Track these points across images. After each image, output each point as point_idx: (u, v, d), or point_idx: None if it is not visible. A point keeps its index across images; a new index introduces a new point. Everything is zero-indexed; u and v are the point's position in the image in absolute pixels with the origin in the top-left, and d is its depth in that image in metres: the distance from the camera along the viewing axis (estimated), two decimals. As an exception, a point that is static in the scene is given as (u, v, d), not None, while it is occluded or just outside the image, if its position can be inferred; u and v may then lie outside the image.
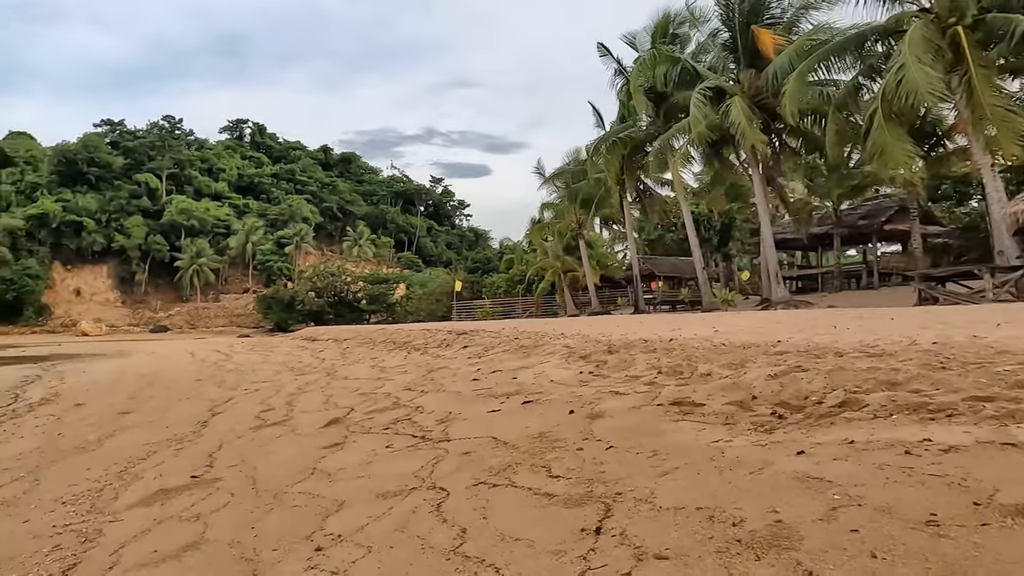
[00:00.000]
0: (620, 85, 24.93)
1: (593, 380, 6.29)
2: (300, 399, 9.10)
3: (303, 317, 59.13)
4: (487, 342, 12.30)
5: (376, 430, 5.75)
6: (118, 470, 5.54)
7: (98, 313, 70.23)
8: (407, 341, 17.49)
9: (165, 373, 16.92)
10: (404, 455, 4.62)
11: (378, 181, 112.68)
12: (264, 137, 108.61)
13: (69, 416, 9.90)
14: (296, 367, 15.19)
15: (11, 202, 71.92)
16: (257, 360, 19.12)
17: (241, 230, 77.97)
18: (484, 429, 4.97)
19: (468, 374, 8.45)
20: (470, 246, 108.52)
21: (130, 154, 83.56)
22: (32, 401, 12.57)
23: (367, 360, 14.60)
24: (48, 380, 16.73)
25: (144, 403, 10.80)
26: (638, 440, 3.94)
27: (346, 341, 23.42)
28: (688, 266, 32.08)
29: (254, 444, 6.00)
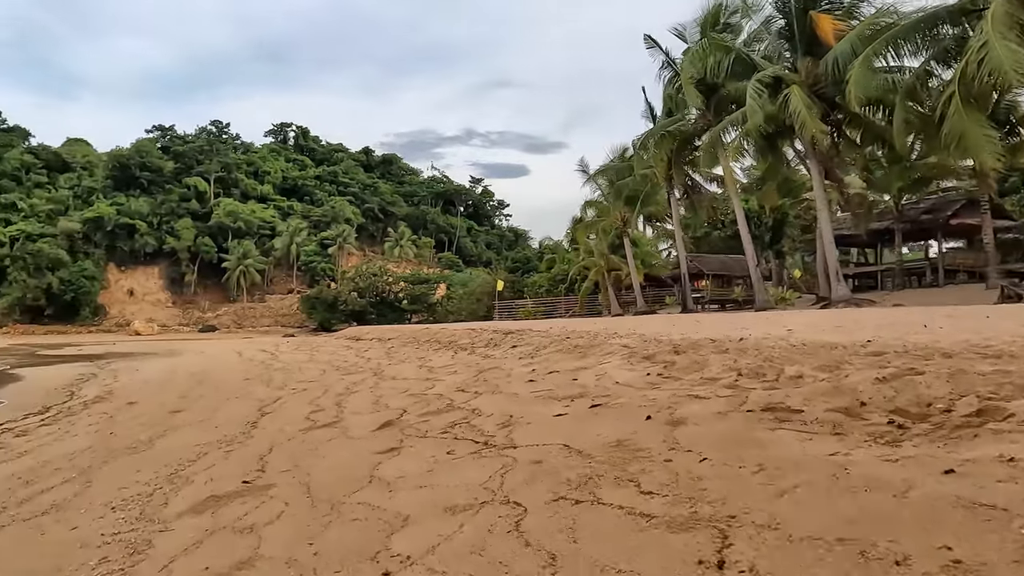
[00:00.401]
0: (668, 78, 24.23)
1: (664, 383, 5.84)
2: (349, 400, 8.87)
3: (346, 317, 59.78)
4: (537, 341, 11.90)
5: (433, 434, 5.42)
6: (168, 472, 5.34)
7: (150, 313, 72.42)
8: (452, 340, 17.23)
9: (214, 372, 17.05)
10: (468, 463, 4.25)
11: (418, 182, 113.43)
12: (308, 140, 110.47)
13: (121, 415, 9.89)
14: (342, 366, 15.07)
15: (69, 206, 74.77)
16: (303, 359, 19.15)
17: (286, 231, 79.38)
18: (552, 435, 4.57)
19: (523, 375, 8.07)
20: (510, 246, 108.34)
21: (180, 158, 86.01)
22: (87, 399, 12.72)
23: (413, 360, 14.37)
24: (103, 378, 17.03)
25: (194, 402, 10.76)
26: (735, 451, 3.49)
27: (390, 341, 23.36)
28: (737, 264, 31.12)
29: (305, 447, 5.73)
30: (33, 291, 64.82)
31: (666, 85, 24.58)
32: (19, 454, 7.16)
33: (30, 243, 66.91)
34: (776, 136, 20.82)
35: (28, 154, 79.28)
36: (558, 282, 44.21)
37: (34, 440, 8.13)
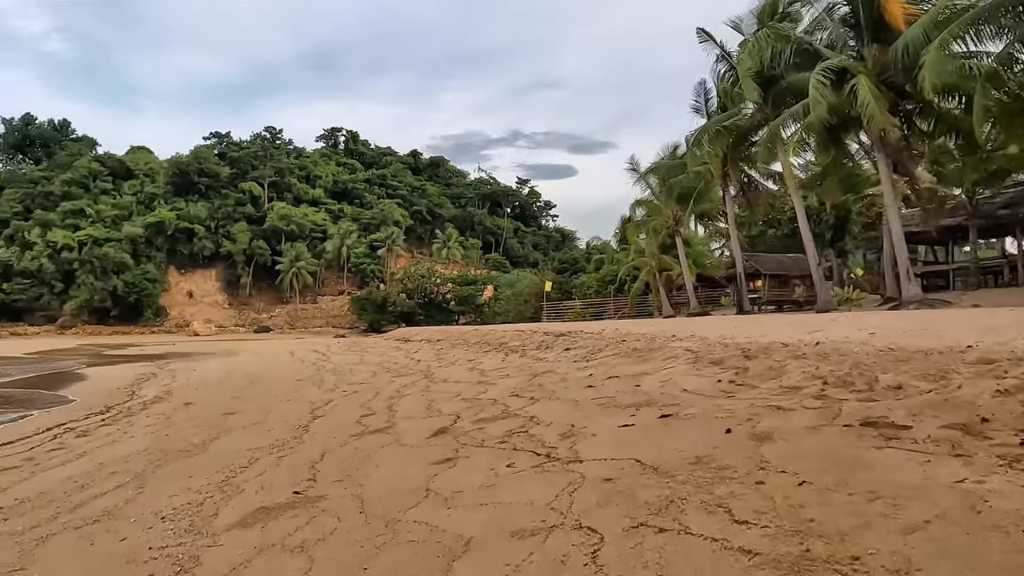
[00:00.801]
0: (723, 72, 23.39)
1: (738, 391, 5.39)
2: (400, 403, 8.68)
3: (395, 318, 60.34)
4: (591, 344, 11.51)
5: (490, 443, 5.12)
6: (220, 479, 5.19)
7: (208, 314, 74.78)
8: (502, 342, 16.95)
9: (267, 373, 17.23)
10: (531, 478, 3.92)
11: (465, 184, 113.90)
12: (357, 144, 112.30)
13: (178, 415, 9.95)
14: (392, 368, 14.99)
15: (132, 211, 77.92)
16: (354, 360, 19.21)
17: (336, 234, 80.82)
18: (621, 448, 4.20)
19: (580, 380, 7.71)
20: (556, 247, 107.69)
21: (236, 164, 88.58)
22: (146, 399, 12.94)
23: (463, 362, 14.15)
24: (162, 378, 17.42)
25: (247, 403, 10.77)
26: (838, 474, 3.07)
27: (439, 342, 23.27)
28: (795, 263, 29.92)
29: (358, 455, 5.51)
30: (100, 293, 67.78)
31: (721, 79, 23.75)
32: (78, 455, 7.20)
33: (97, 247, 70.04)
34: (839, 128, 19.82)
35: (95, 162, 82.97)
36: (607, 283, 43.48)
37: (93, 441, 8.20)
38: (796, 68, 19.80)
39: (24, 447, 8.29)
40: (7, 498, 5.29)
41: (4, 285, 67.12)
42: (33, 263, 67.93)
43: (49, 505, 4.92)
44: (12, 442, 8.77)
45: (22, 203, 75.10)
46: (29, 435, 9.29)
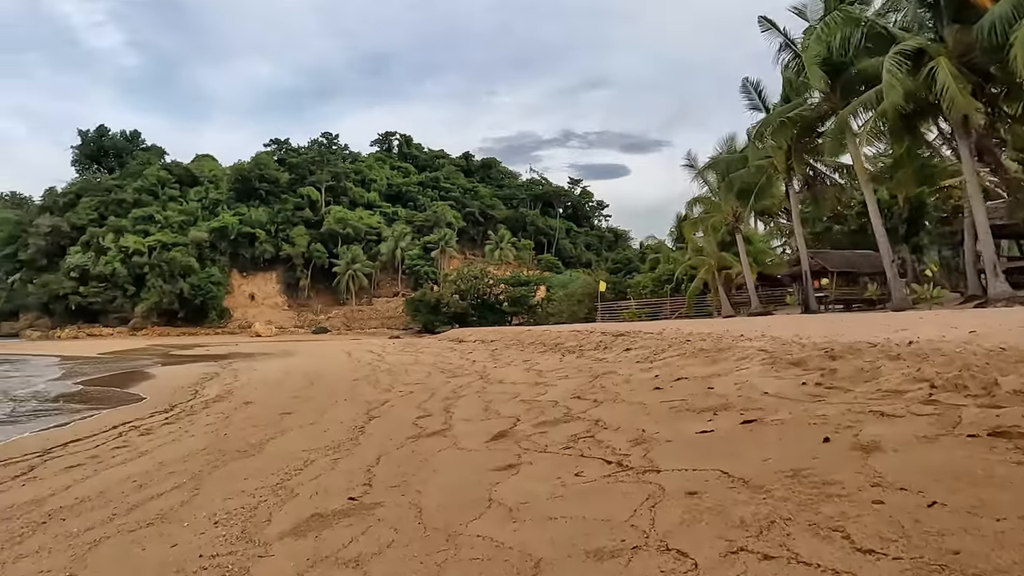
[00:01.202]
0: (786, 61, 22.32)
1: (828, 394, 4.89)
2: (457, 404, 8.44)
3: (448, 319, 60.63)
4: (653, 344, 11.02)
5: (554, 448, 4.78)
6: (274, 482, 5.03)
7: (269, 315, 77.00)
8: (558, 343, 16.58)
9: (324, 373, 17.35)
10: (603, 489, 3.57)
11: (517, 185, 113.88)
12: (411, 148, 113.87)
13: (237, 415, 9.99)
14: (447, 369, 14.82)
15: (197, 217, 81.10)
16: (408, 361, 19.18)
17: (391, 237, 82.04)
18: (702, 458, 3.80)
19: (645, 381, 7.29)
20: (609, 246, 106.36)
21: (294, 170, 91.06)
22: (208, 398, 13.15)
23: (519, 363, 13.86)
24: (224, 378, 17.77)
25: (305, 403, 10.75)
26: (974, 494, 2.60)
27: (493, 343, 23.07)
28: (865, 260, 28.40)
29: (415, 459, 5.26)
30: (168, 296, 70.71)
31: (784, 69, 22.69)
32: (139, 453, 7.23)
33: (165, 252, 73.17)
34: (915, 116, 18.57)
35: (163, 170, 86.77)
36: (663, 282, 42.45)
37: (155, 439, 8.26)
38: (867, 53, 18.68)
39: (91, 444, 8.44)
40: (68, 497, 5.28)
41: (81, 288, 70.77)
42: (107, 267, 71.40)
43: (107, 506, 4.85)
44: (81, 439, 8.96)
45: (97, 210, 79.08)
46: (97, 432, 9.49)
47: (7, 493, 5.74)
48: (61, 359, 30.63)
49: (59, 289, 70.63)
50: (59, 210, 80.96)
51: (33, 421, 11.39)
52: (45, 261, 76.01)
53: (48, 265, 75.47)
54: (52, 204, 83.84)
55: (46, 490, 5.64)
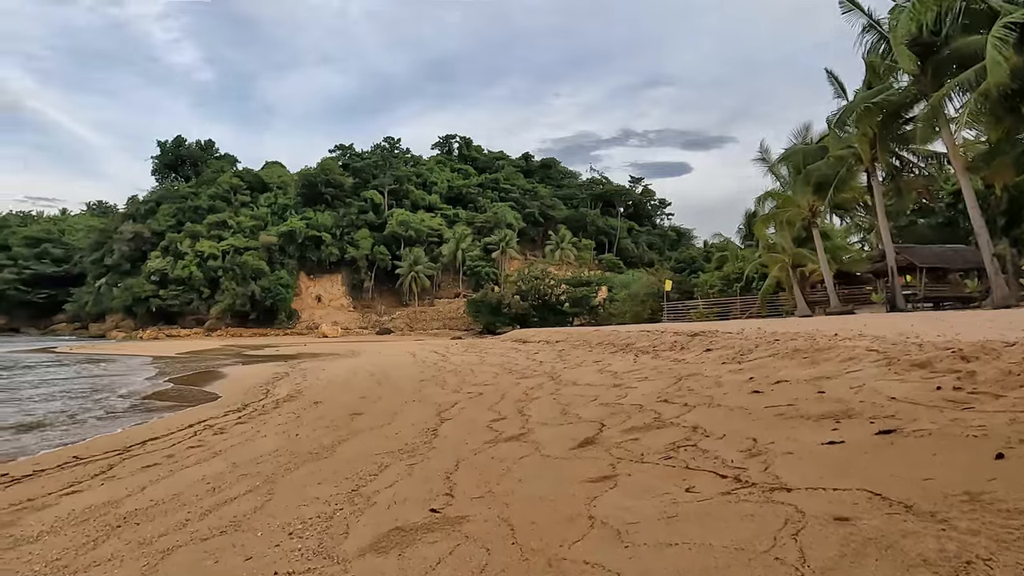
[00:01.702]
0: (870, 44, 20.85)
1: (974, 401, 4.22)
2: (531, 407, 8.04)
3: (509, 320, 60.51)
4: (737, 344, 10.33)
5: (652, 458, 4.30)
6: (350, 488, 4.75)
7: (335, 317, 78.82)
8: (629, 343, 15.99)
9: (391, 373, 17.31)
10: (724, 508, 3.07)
11: (577, 185, 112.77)
12: (470, 150, 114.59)
13: (307, 415, 9.91)
14: (515, 369, 14.47)
15: (267, 222, 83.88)
16: (474, 361, 18.95)
17: (452, 238, 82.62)
18: (837, 474, 3.25)
19: (739, 384, 6.69)
20: (672, 245, 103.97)
21: (358, 174, 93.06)
22: (279, 397, 13.22)
23: (590, 363, 13.36)
24: (293, 378, 17.99)
25: (373, 404, 10.60)
26: None
27: (558, 343, 22.61)
28: (957, 255, 26.50)
29: (496, 466, 4.88)
30: (240, 298, 73.37)
31: (868, 52, 21.21)
32: (213, 454, 7.15)
33: (237, 256, 75.98)
34: (1018, 96, 17.02)
35: (235, 177, 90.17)
36: (732, 281, 41.00)
37: (229, 439, 8.21)
38: (964, 31, 17.26)
39: (168, 443, 8.48)
40: (143, 499, 5.16)
41: (161, 292, 74.32)
42: (184, 271, 74.72)
43: (180, 509, 4.68)
44: (159, 437, 9.05)
45: (175, 217, 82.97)
46: (174, 430, 9.59)
47: (86, 493, 5.70)
48: (151, 359, 31.99)
49: (141, 292, 74.43)
50: (140, 217, 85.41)
51: (123, 418, 11.70)
52: (128, 266, 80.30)
53: (131, 270, 79.69)
54: (134, 212, 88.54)
55: (123, 491, 5.56)
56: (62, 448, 8.86)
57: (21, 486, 6.39)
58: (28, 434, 10.11)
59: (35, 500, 5.59)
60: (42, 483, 6.39)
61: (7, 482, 6.75)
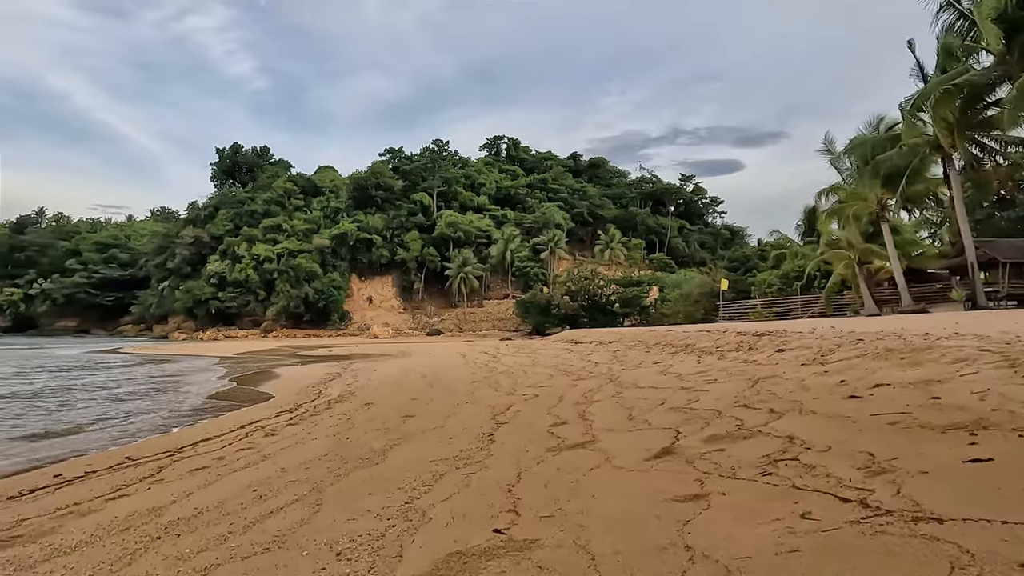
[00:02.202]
0: (948, 23, 19.41)
1: None
2: (593, 411, 7.50)
3: (558, 321, 59.81)
4: (813, 344, 9.55)
5: (746, 473, 3.72)
6: (402, 500, 4.33)
7: (385, 318, 79.70)
8: (688, 343, 15.24)
9: (442, 374, 17.00)
10: (859, 542, 2.50)
11: (626, 184, 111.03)
12: (518, 151, 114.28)
13: (359, 416, 9.61)
14: (569, 371, 13.92)
15: (320, 225, 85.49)
16: (526, 362, 18.48)
17: (500, 239, 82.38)
18: (1002, 503, 2.63)
19: (829, 388, 6.00)
20: (725, 244, 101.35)
21: (407, 176, 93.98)
22: (331, 398, 13.04)
23: (649, 365, 12.70)
24: (345, 378, 17.89)
25: (425, 406, 10.23)
26: None
27: (612, 344, 21.93)
28: (1047, 250, 24.53)
29: (563, 478, 4.38)
30: (294, 299, 74.96)
31: (945, 33, 19.75)
32: (263, 457, 6.87)
33: (292, 258, 77.65)
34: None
35: (289, 182, 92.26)
36: (791, 279, 39.31)
37: (279, 441, 7.95)
38: (1057, 4, 15.84)
39: (219, 444, 8.30)
40: (188, 507, 4.86)
41: (220, 294, 76.64)
42: (241, 274, 76.83)
43: (224, 520, 4.35)
44: (210, 439, 8.90)
45: (232, 221, 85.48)
46: (226, 431, 9.44)
47: (132, 498, 5.46)
48: (210, 360, 32.74)
49: (201, 294, 76.92)
50: (200, 222, 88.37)
51: (178, 419, 11.71)
52: (189, 269, 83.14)
53: (192, 273, 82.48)
54: (194, 217, 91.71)
55: (168, 496, 5.30)
56: (116, 449, 8.82)
57: (71, 488, 6.25)
58: (84, 434, 10.15)
59: (81, 504, 5.39)
60: (91, 486, 6.23)
61: (59, 483, 6.65)
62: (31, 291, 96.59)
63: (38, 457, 8.30)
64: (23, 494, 6.19)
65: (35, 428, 10.43)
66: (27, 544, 4.24)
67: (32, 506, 5.51)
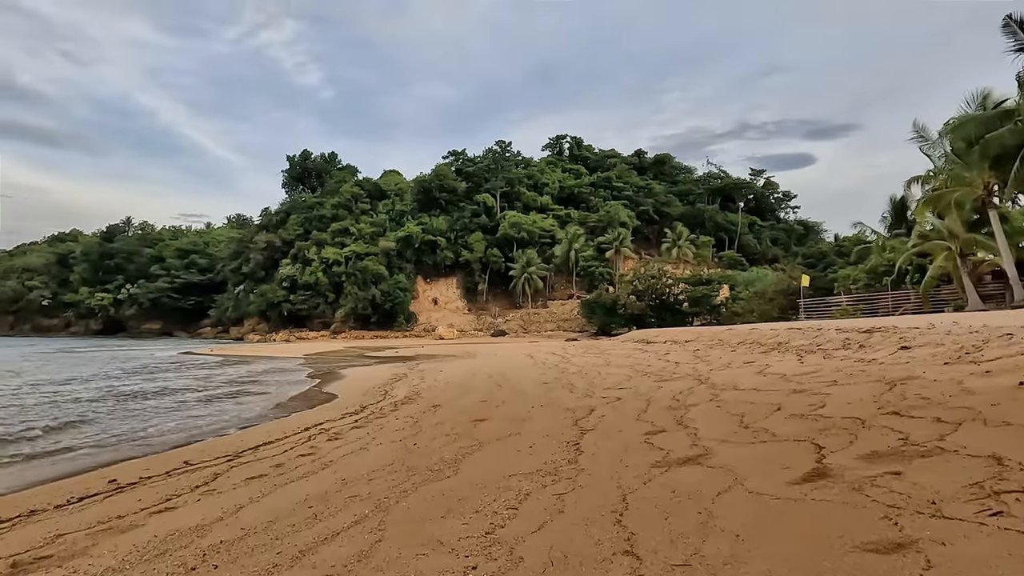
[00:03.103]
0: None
1: None
2: (692, 417, 6.49)
3: (625, 321, 58.25)
4: (942, 340, 8.19)
5: (959, 511, 2.70)
6: (483, 529, 3.50)
7: (450, 319, 79.85)
8: (779, 341, 13.89)
9: (511, 374, 16.23)
10: None
11: (693, 180, 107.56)
12: (581, 149, 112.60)
13: (426, 420, 8.92)
14: (648, 371, 12.86)
15: (386, 228, 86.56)
16: (598, 363, 17.47)
17: (564, 239, 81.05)
18: None
19: (1006, 391, 4.81)
20: (799, 240, 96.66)
21: (470, 178, 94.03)
22: (397, 399, 12.47)
23: (739, 364, 11.50)
24: (412, 379, 17.37)
25: (496, 409, 9.44)
26: None
27: (688, 343, 20.62)
28: None
29: (683, 505, 3.44)
30: (362, 302, 76.05)
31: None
32: (323, 465, 6.22)
33: (359, 261, 78.87)
34: None
35: (356, 187, 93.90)
36: (880, 274, 36.59)
37: (342, 447, 7.32)
38: None
39: (280, 449, 7.76)
40: (235, 527, 4.18)
41: (291, 297, 78.72)
42: (311, 277, 78.67)
43: (271, 546, 3.63)
44: (272, 442, 8.40)
45: (302, 226, 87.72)
46: (289, 434, 8.94)
47: (178, 511, 4.87)
48: (286, 360, 33.23)
49: (274, 297, 79.22)
50: (272, 227, 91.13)
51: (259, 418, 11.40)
52: (263, 273, 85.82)
53: (265, 276, 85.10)
54: (267, 222, 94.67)
55: (216, 511, 4.67)
56: (176, 450, 8.42)
57: (120, 497, 5.73)
58: (160, 437, 9.88)
59: (124, 518, 4.83)
60: (140, 495, 5.70)
61: (111, 490, 6.18)
62: (119, 296, 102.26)
63: (102, 460, 7.98)
64: (71, 502, 5.73)
65: (120, 429, 10.25)
66: (51, 569, 3.67)
67: (74, 518, 5.00)
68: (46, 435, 9.71)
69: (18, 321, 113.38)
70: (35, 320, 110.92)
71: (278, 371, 23.94)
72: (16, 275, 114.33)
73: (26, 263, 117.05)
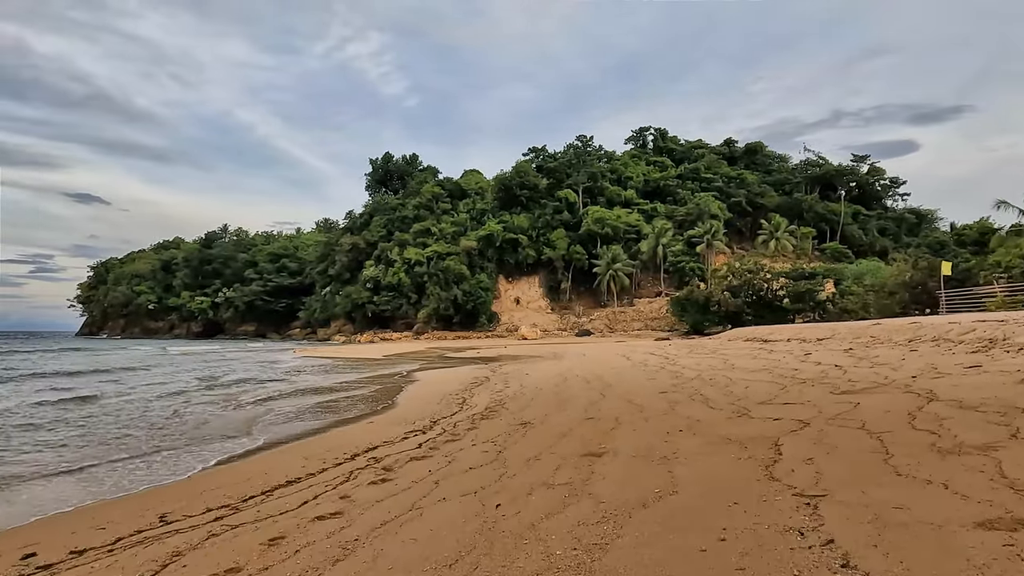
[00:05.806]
0: None
1: None
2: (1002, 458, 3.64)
3: (719, 319, 54.00)
4: None
5: None
6: None
7: (533, 319, 77.48)
8: (986, 337, 10.46)
9: (610, 379, 13.51)
10: None
11: (789, 169, 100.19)
12: (666, 141, 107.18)
13: (514, 449, 6.42)
14: (804, 378, 9.83)
15: (467, 227, 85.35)
16: (716, 365, 14.43)
17: (651, 234, 76.72)
18: None
19: None
20: (910, 230, 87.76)
21: (551, 174, 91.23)
22: (476, 411, 10.07)
23: (950, 367, 8.30)
24: (494, 383, 15.02)
25: (607, 432, 6.80)
26: None
27: (823, 341, 17.21)
28: None
29: None
30: (444, 302, 74.96)
31: None
32: (347, 544, 3.81)
33: (440, 261, 77.92)
34: None
35: (437, 187, 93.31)
36: (1037, 261, 31.24)
37: (386, 501, 4.90)
38: None
39: (298, 499, 5.47)
40: None
41: (375, 298, 78.91)
42: (394, 278, 78.53)
43: None
44: (297, 480, 6.13)
45: (385, 227, 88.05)
46: (326, 466, 6.69)
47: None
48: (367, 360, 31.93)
49: (358, 299, 79.71)
50: (357, 230, 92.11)
51: (275, 433, 9.33)
52: (348, 275, 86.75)
53: (351, 278, 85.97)
54: (352, 225, 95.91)
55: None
56: (149, 489, 6.26)
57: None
58: (141, 458, 7.83)
59: None
60: None
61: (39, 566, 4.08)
62: (217, 299, 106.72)
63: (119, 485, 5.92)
64: None
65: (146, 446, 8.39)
66: None
67: None
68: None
69: (128, 324, 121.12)
70: (143, 323, 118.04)
71: (354, 368, 22.23)
72: (127, 281, 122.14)
73: (135, 269, 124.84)
